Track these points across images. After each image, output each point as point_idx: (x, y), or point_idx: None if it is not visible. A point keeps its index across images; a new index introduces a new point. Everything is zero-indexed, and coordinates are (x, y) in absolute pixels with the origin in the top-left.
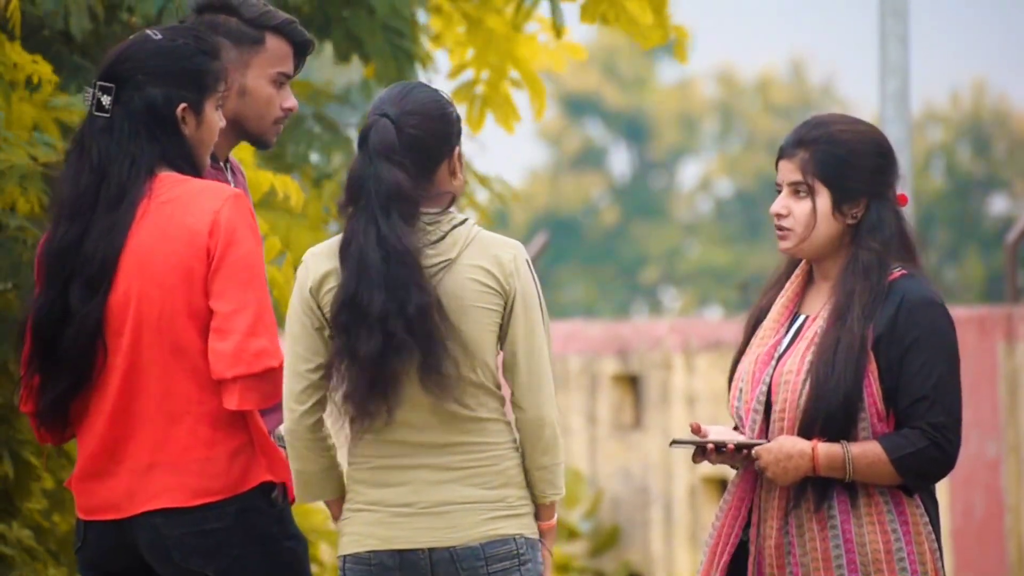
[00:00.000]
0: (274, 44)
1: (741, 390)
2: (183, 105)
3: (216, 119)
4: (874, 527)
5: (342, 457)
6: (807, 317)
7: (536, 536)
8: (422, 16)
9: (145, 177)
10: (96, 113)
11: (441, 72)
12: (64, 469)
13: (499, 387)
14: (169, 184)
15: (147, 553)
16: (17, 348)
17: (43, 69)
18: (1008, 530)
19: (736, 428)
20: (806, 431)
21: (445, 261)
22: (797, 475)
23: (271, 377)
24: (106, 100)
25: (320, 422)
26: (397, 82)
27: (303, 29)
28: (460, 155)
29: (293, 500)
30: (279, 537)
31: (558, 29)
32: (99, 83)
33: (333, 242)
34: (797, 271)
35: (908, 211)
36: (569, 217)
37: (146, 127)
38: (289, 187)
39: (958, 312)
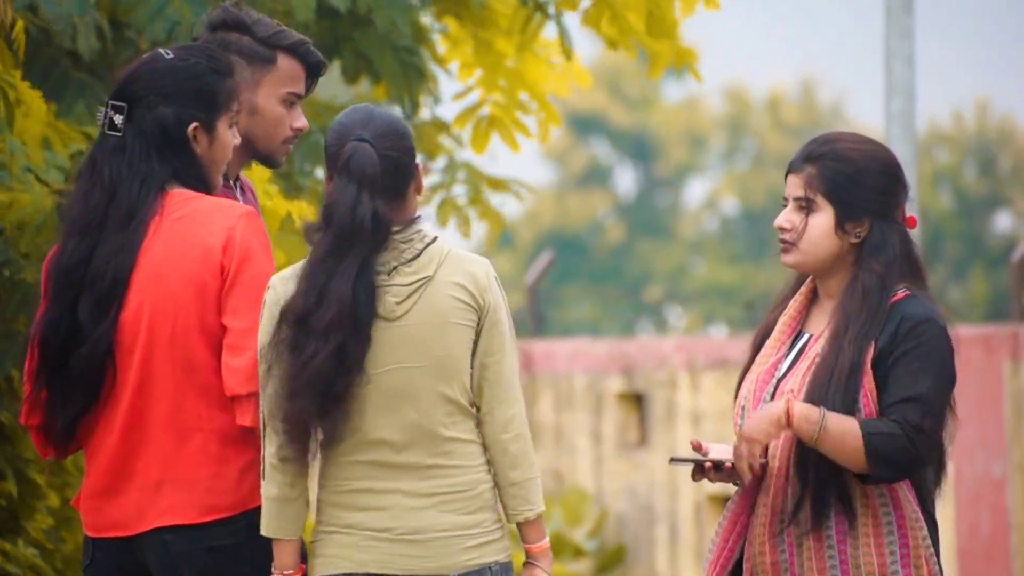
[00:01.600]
0: (286, 64)
1: (743, 408)
2: (194, 124)
3: (229, 138)
4: (870, 548)
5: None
6: (810, 336)
7: (509, 559)
8: (434, 34)
9: (156, 195)
10: (108, 132)
11: (447, 94)
12: (70, 487)
13: (473, 406)
14: (180, 201)
15: (156, 570)
16: (21, 362)
17: (37, 102)
18: (1014, 549)
19: None
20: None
21: (423, 279)
22: (769, 425)
23: None
24: (118, 119)
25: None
26: (353, 106)
27: (316, 50)
28: (420, 169)
29: None
30: None
31: (567, 51)
32: (111, 102)
33: (299, 266)
34: (802, 288)
35: (916, 231)
36: (575, 236)
37: (157, 147)
38: (304, 212)
39: (964, 331)
